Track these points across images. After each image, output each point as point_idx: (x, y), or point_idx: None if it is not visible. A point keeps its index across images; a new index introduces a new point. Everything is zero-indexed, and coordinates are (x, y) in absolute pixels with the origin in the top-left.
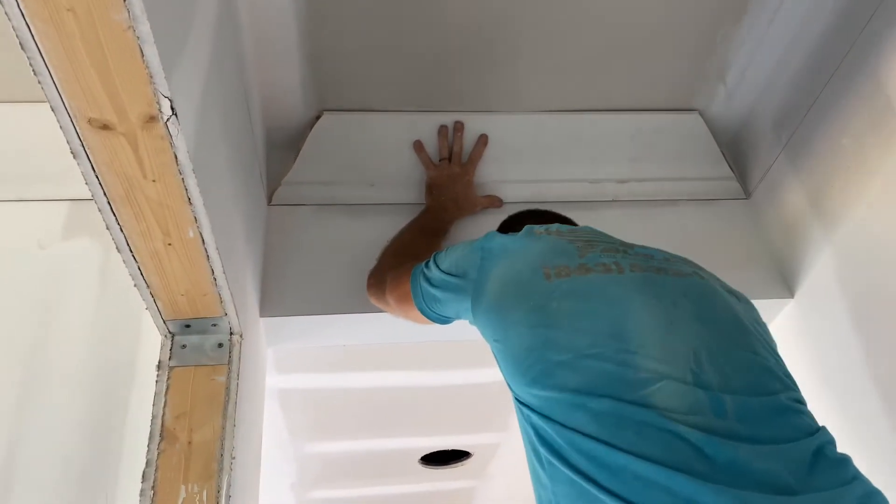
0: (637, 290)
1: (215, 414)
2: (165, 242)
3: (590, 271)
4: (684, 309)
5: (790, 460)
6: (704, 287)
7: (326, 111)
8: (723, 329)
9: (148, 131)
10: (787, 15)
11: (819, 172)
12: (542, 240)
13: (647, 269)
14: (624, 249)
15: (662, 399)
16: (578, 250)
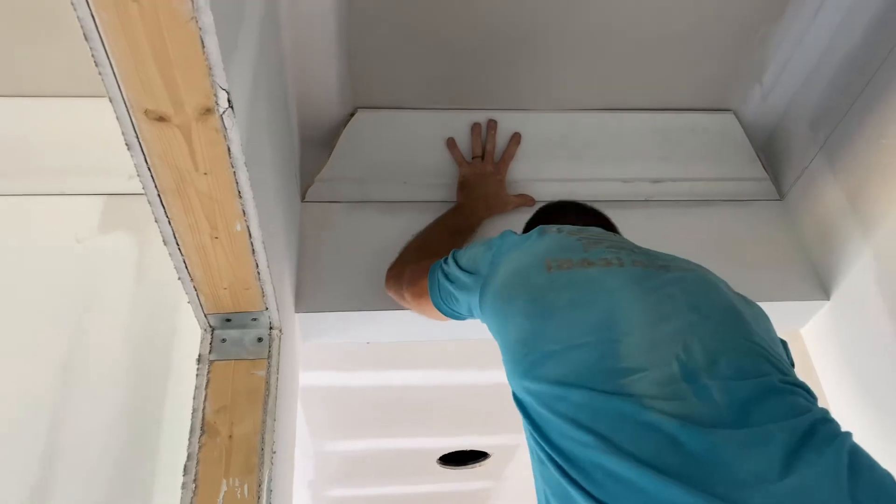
0: (634, 282)
1: (256, 408)
2: (212, 236)
3: (592, 265)
4: (679, 299)
5: (775, 442)
6: (704, 281)
7: (360, 108)
8: (718, 318)
9: (203, 123)
10: (827, 14)
11: (858, 173)
12: (551, 237)
13: (650, 266)
14: (631, 248)
15: (642, 387)
16: (584, 246)
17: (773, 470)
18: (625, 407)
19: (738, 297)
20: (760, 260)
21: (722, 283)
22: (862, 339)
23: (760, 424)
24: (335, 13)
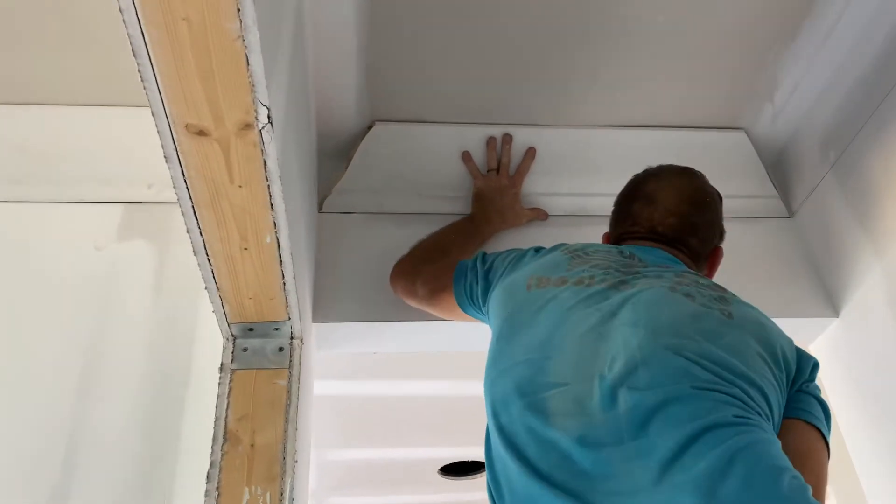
0: (586, 301)
1: (277, 417)
2: (242, 247)
3: (564, 283)
4: (623, 316)
5: (658, 451)
6: (662, 295)
7: (378, 121)
8: (656, 331)
9: (242, 138)
10: (840, 35)
11: (869, 193)
12: (552, 255)
13: (615, 284)
14: (617, 267)
15: (555, 404)
16: (569, 264)
17: (649, 479)
18: (533, 423)
19: (724, 309)
20: (770, 276)
21: (714, 301)
22: (870, 357)
23: (650, 435)
24: (356, 29)
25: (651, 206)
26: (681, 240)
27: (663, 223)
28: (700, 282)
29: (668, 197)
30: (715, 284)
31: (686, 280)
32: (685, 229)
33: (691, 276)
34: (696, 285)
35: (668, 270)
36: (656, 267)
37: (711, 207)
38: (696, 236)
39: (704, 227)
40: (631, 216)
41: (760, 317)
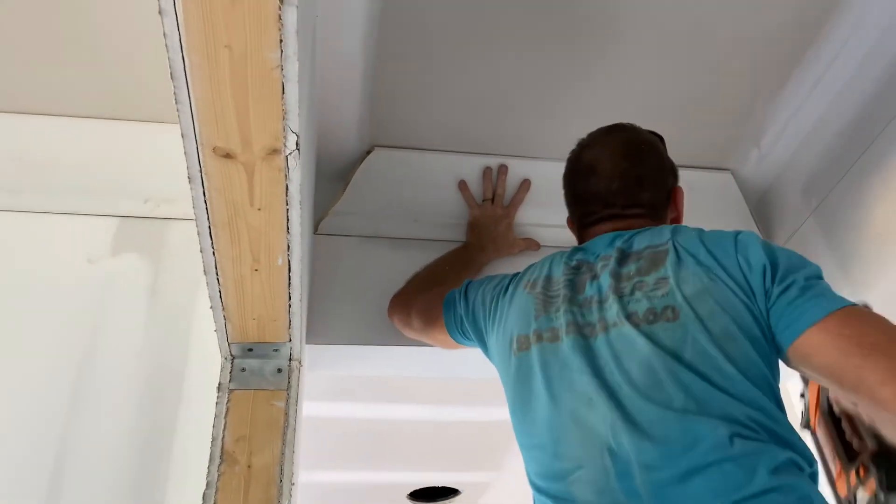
0: (566, 366)
1: (275, 439)
2: (253, 268)
3: (540, 339)
4: (602, 381)
5: None
6: (623, 341)
7: (378, 146)
8: (643, 388)
9: (268, 163)
10: (827, 85)
11: (850, 239)
12: (519, 298)
13: (579, 331)
14: (571, 297)
15: (579, 490)
16: (535, 311)
17: None
18: None
19: (668, 305)
20: None
21: (645, 287)
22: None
23: None
24: (363, 58)
25: (593, 178)
26: (633, 199)
27: (610, 191)
28: (638, 263)
29: (604, 161)
30: (652, 251)
31: (624, 277)
32: (631, 187)
33: (632, 258)
34: (633, 279)
35: (608, 265)
36: (599, 265)
37: (650, 153)
38: (645, 188)
39: (650, 176)
40: (581, 196)
41: (698, 272)
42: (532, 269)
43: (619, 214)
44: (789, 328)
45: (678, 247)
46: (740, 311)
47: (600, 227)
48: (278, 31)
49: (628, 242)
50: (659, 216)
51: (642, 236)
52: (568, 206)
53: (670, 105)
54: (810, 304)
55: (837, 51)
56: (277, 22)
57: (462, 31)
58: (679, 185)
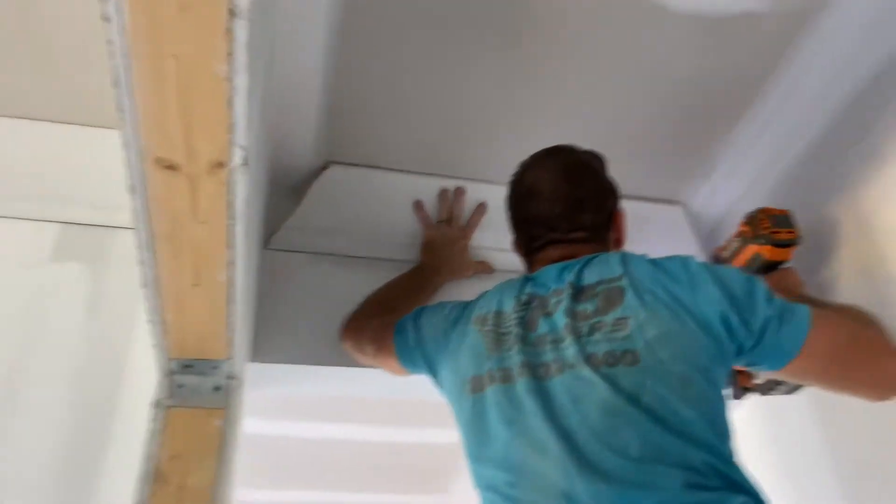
0: (521, 409)
1: (211, 458)
2: (193, 283)
3: (493, 381)
4: (558, 424)
5: None
6: (581, 383)
7: (334, 163)
8: (595, 432)
9: (213, 176)
10: (778, 125)
11: None
12: (470, 335)
13: (536, 375)
14: (523, 334)
15: None
16: (487, 350)
17: None
18: None
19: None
20: None
21: (604, 326)
22: (789, 434)
23: None
24: (322, 70)
25: (535, 201)
26: (575, 222)
27: (553, 214)
28: (594, 302)
29: (545, 184)
30: (606, 286)
31: (581, 316)
32: (573, 210)
33: (587, 295)
34: (590, 318)
35: (561, 302)
36: (552, 300)
37: (590, 175)
38: (587, 210)
39: (591, 198)
40: (525, 220)
41: (659, 312)
42: (482, 302)
43: (562, 239)
44: (770, 361)
45: (634, 282)
46: (701, 353)
47: (547, 253)
48: (228, 43)
49: (579, 275)
50: (601, 238)
51: (591, 268)
52: (512, 230)
53: (625, 136)
54: (784, 335)
55: (788, 92)
56: (227, 34)
57: (424, 52)
58: (621, 207)
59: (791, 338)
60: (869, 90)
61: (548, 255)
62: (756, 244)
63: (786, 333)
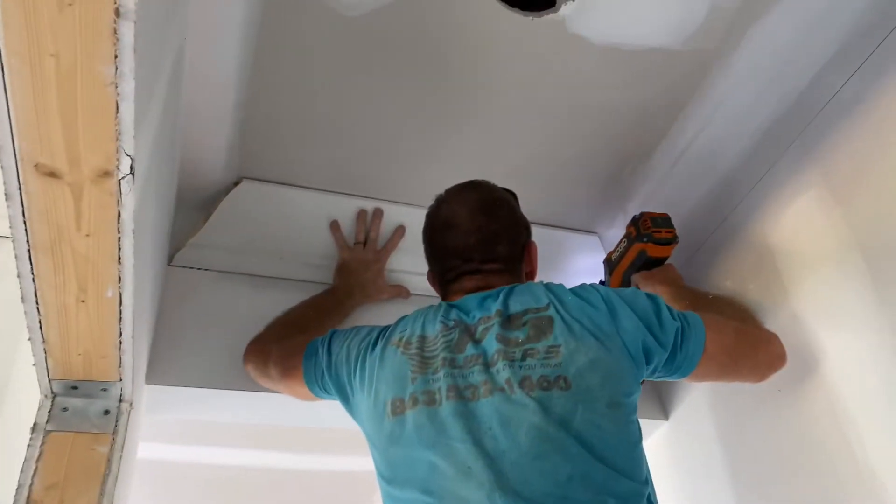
0: (445, 432)
1: (92, 488)
2: (79, 299)
3: (416, 404)
4: (484, 447)
5: None
6: (511, 406)
7: (246, 178)
8: (523, 455)
9: (98, 186)
10: (688, 163)
11: None
12: (392, 358)
13: (463, 396)
14: (451, 358)
15: None
16: (410, 370)
17: None
18: None
19: (560, 376)
20: None
21: (536, 353)
22: (695, 460)
23: None
24: (236, 84)
25: (451, 233)
26: (490, 254)
27: (468, 246)
28: (525, 330)
29: (461, 216)
30: (534, 315)
31: (513, 342)
32: (489, 241)
33: (515, 323)
34: (522, 345)
35: (491, 329)
36: (480, 328)
37: (504, 208)
38: (501, 242)
39: (505, 231)
40: (441, 251)
41: (588, 341)
42: (402, 325)
43: (477, 269)
44: (680, 371)
45: (561, 312)
46: (626, 377)
47: (461, 284)
48: (113, 45)
49: (505, 304)
50: (515, 270)
51: (516, 297)
52: (428, 261)
53: (544, 165)
54: (690, 346)
55: (700, 128)
56: (112, 35)
57: (342, 69)
58: (532, 240)
59: (694, 347)
60: (775, 127)
61: (462, 286)
62: (640, 242)
63: (690, 345)
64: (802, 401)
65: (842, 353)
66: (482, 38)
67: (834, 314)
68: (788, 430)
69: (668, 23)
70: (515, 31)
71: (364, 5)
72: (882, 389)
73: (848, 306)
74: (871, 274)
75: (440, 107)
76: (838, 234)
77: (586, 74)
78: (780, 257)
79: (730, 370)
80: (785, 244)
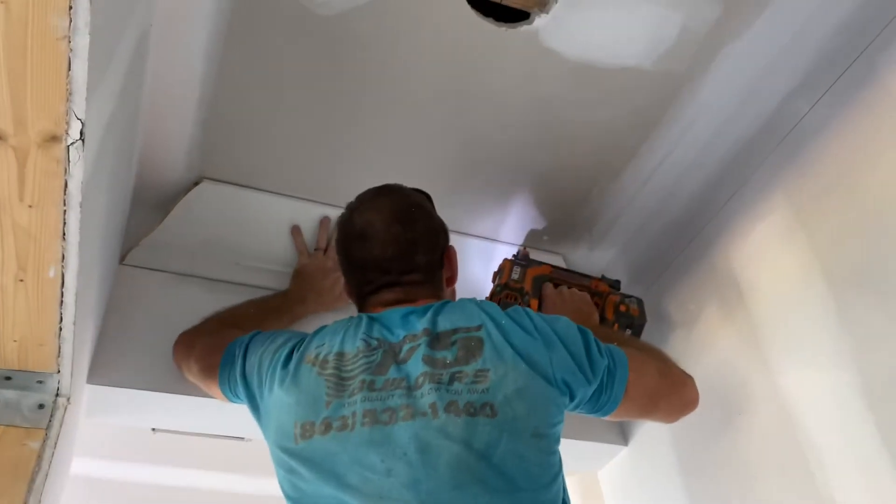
0: (358, 458)
1: (19, 486)
2: (17, 278)
3: (329, 430)
4: (399, 474)
5: None
6: (433, 432)
7: (207, 179)
8: (440, 484)
9: (44, 151)
10: (655, 185)
11: (662, 331)
12: (306, 377)
13: (379, 420)
14: (370, 381)
15: None
16: (327, 397)
17: None
18: None
19: (487, 402)
20: None
21: (463, 376)
22: (653, 487)
23: None
24: (201, 80)
25: (368, 244)
26: (409, 265)
27: (385, 258)
28: (453, 351)
29: (376, 226)
30: (464, 335)
31: (440, 364)
32: (407, 251)
33: (444, 342)
34: (450, 367)
35: (417, 349)
36: (405, 347)
37: (420, 215)
38: (419, 251)
39: (423, 239)
40: (357, 264)
41: (517, 367)
42: (319, 339)
43: (396, 282)
44: (604, 408)
45: (492, 335)
46: (551, 408)
47: (382, 297)
48: None
49: (433, 322)
50: (434, 278)
51: (446, 315)
52: (344, 273)
53: (509, 183)
54: (615, 384)
55: (669, 150)
56: None
57: (310, 70)
58: (451, 245)
59: (618, 389)
60: (742, 151)
61: (382, 299)
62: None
63: (615, 386)
64: (760, 425)
65: (800, 377)
66: (454, 47)
67: (794, 339)
68: (747, 454)
69: (639, 41)
70: (488, 42)
71: (337, 5)
72: (838, 414)
73: (808, 331)
74: (833, 299)
75: (409, 117)
76: (801, 260)
77: (557, 90)
78: (743, 281)
79: (647, 411)
80: (748, 268)
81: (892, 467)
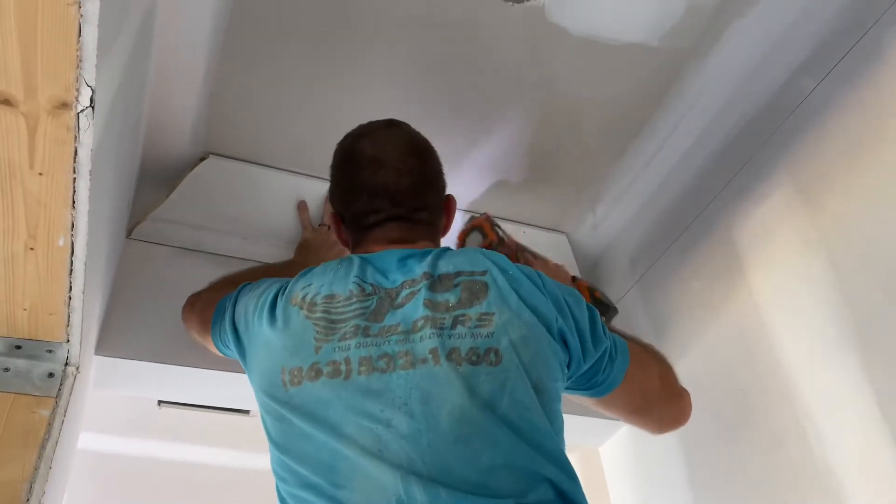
0: (354, 408)
1: (29, 451)
2: (27, 246)
3: (319, 375)
4: (399, 425)
5: None
6: (434, 381)
7: (214, 154)
8: (443, 438)
9: (55, 118)
10: (659, 163)
11: (667, 308)
12: (293, 321)
13: (376, 368)
14: (364, 326)
15: None
16: (316, 340)
17: None
18: None
19: (490, 348)
20: None
21: (466, 319)
22: (653, 463)
23: None
24: (207, 51)
25: (382, 170)
26: (420, 200)
27: (399, 188)
28: (456, 293)
29: (391, 153)
30: (468, 278)
31: (442, 307)
32: (420, 185)
33: (446, 284)
34: (452, 310)
35: (417, 293)
36: (403, 293)
37: (432, 154)
38: (430, 189)
39: (435, 178)
40: (364, 189)
41: (522, 314)
42: (306, 280)
43: (404, 216)
44: (597, 389)
45: (498, 279)
46: (554, 364)
47: (386, 231)
48: None
49: (433, 265)
50: (436, 221)
51: (448, 259)
52: (342, 202)
53: (515, 160)
54: (615, 367)
55: (674, 126)
56: None
57: (313, 48)
58: (452, 195)
59: (618, 370)
60: (747, 128)
61: (386, 234)
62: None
63: (615, 365)
64: (762, 403)
65: (802, 353)
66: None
67: (797, 315)
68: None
69: (646, 17)
70: (494, 18)
71: None
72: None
73: (811, 308)
74: (836, 275)
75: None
76: (805, 236)
77: (563, 67)
78: (746, 257)
79: (639, 412)
80: (752, 244)
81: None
